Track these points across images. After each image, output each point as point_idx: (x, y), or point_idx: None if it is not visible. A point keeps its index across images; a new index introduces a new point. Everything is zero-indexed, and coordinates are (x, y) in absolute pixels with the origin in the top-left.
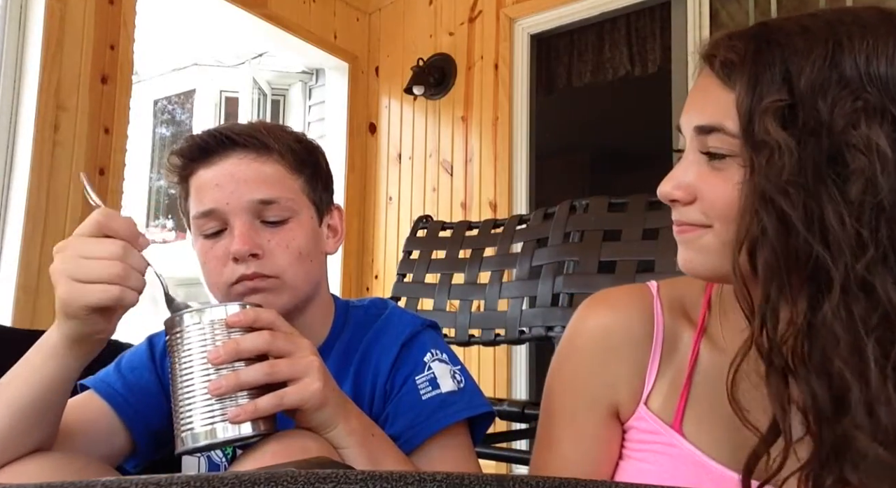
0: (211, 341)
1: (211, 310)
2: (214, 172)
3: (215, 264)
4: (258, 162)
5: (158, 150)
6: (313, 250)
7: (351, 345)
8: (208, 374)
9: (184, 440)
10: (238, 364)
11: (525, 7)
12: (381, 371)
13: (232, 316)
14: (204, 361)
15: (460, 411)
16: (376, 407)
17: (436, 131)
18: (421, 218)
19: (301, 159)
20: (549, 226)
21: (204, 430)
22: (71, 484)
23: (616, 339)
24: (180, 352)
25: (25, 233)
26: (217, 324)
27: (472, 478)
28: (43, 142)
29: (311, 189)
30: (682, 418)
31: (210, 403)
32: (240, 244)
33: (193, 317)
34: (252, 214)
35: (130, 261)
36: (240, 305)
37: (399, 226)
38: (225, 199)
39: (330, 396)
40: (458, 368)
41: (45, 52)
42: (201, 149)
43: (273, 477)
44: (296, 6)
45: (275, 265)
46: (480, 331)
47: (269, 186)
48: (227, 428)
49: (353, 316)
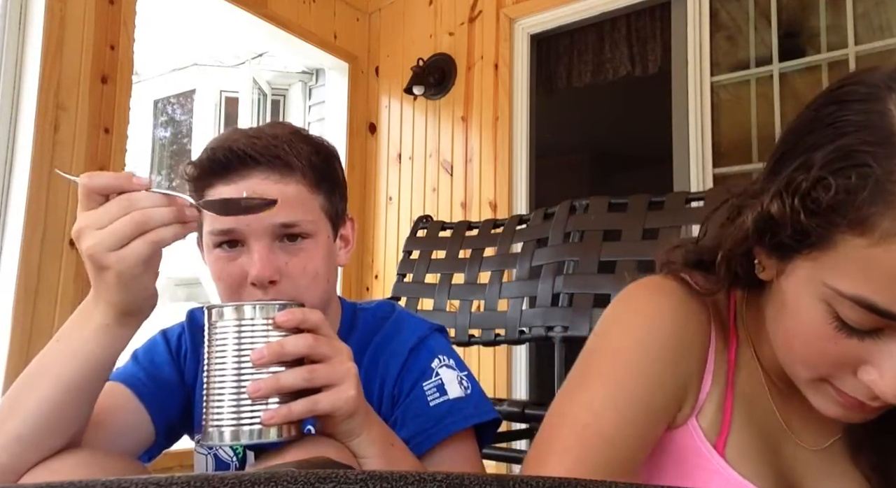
0: (250, 339)
1: (255, 308)
2: (234, 192)
3: (230, 283)
4: (281, 183)
5: (158, 150)
6: (328, 269)
7: (359, 349)
8: (243, 372)
9: (211, 435)
10: (275, 365)
11: (525, 7)
12: (390, 375)
13: (282, 314)
14: (242, 358)
15: (468, 418)
16: (384, 411)
17: (436, 131)
18: (421, 218)
19: (321, 175)
20: (549, 226)
21: (231, 430)
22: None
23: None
24: (219, 346)
25: (25, 233)
26: (259, 322)
27: (472, 478)
28: (43, 143)
29: (329, 204)
30: (727, 440)
31: (241, 402)
32: (260, 270)
33: (236, 311)
34: (272, 237)
35: (141, 204)
36: (280, 305)
37: (399, 227)
38: (246, 221)
39: (361, 405)
40: (465, 374)
41: (45, 52)
42: (222, 166)
43: (273, 477)
44: (296, 6)
45: (292, 289)
46: (480, 332)
47: (290, 209)
48: (253, 432)
49: (360, 319)
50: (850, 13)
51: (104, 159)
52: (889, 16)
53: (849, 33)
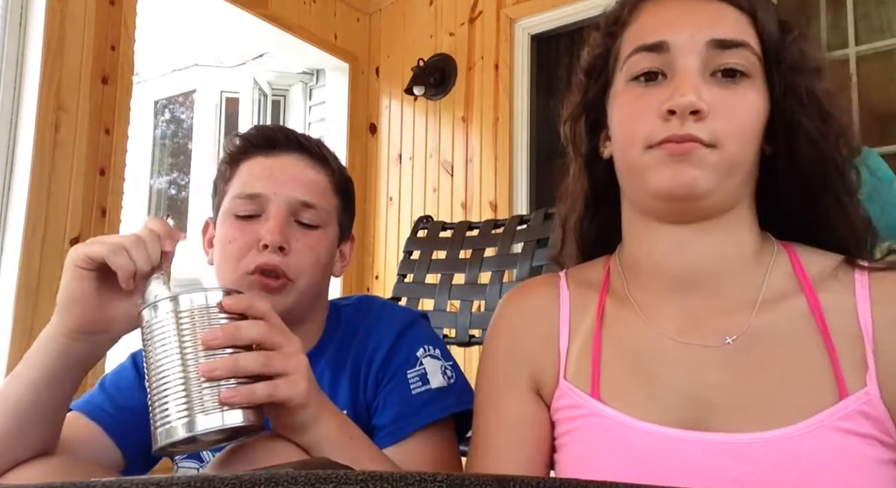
0: (197, 326)
1: (196, 295)
2: (273, 162)
3: (240, 247)
4: (314, 169)
5: (159, 151)
6: (328, 264)
7: (344, 342)
8: (190, 362)
9: (160, 436)
10: (226, 351)
11: (525, 7)
12: (376, 359)
13: (228, 299)
14: (187, 348)
15: (446, 408)
16: (369, 393)
17: (436, 132)
18: (421, 218)
19: (344, 186)
20: (549, 226)
21: (184, 422)
22: (71, 484)
23: (525, 316)
24: (161, 339)
25: (26, 233)
26: (203, 309)
27: (472, 479)
28: (43, 143)
29: (343, 212)
30: (599, 382)
31: (191, 392)
32: (274, 233)
33: (178, 301)
34: (290, 211)
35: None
36: (223, 291)
37: (399, 227)
38: (273, 189)
39: (313, 396)
40: (450, 364)
41: (45, 53)
42: (268, 140)
43: (273, 477)
44: (296, 6)
45: (296, 264)
46: (481, 332)
47: (314, 192)
48: (210, 418)
49: (343, 315)
50: (851, 13)
51: (104, 160)
52: (889, 16)
53: (849, 33)
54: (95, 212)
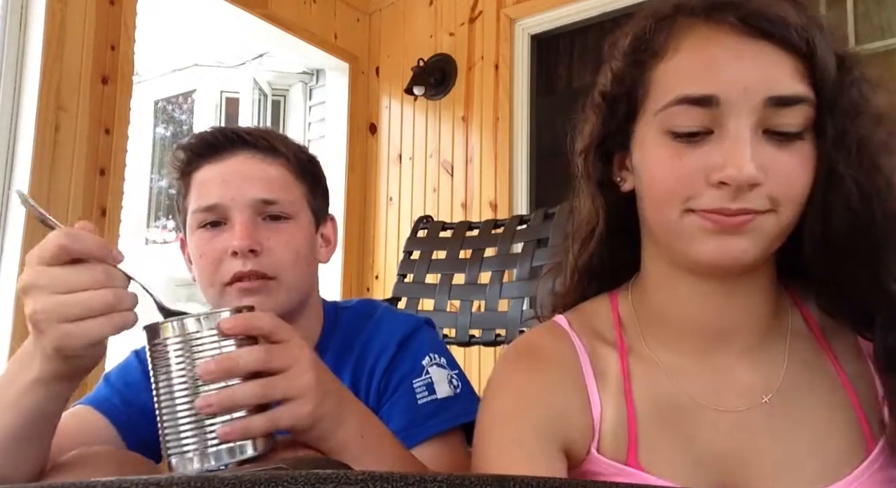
0: (198, 354)
1: (196, 319)
2: (221, 169)
3: (212, 259)
4: (265, 163)
5: (159, 151)
6: (310, 254)
7: (344, 347)
8: (189, 393)
9: (173, 463)
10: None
11: (525, 7)
12: (378, 369)
13: (225, 321)
14: (186, 378)
15: (454, 418)
16: (371, 403)
17: (436, 131)
18: (421, 218)
19: (305, 168)
20: (549, 226)
21: (198, 456)
22: (72, 485)
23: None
24: (163, 366)
25: (26, 233)
26: (199, 336)
27: (472, 479)
28: (43, 143)
29: (311, 196)
30: (637, 449)
31: (194, 425)
32: (241, 238)
33: (178, 326)
34: (254, 211)
35: (117, 283)
36: (230, 311)
37: (399, 227)
38: (230, 195)
39: (326, 411)
40: (456, 372)
41: (45, 53)
42: (210, 146)
43: (273, 477)
44: (296, 6)
45: (273, 262)
46: (481, 332)
47: (273, 187)
48: (221, 453)
49: (342, 318)
50: (851, 13)
51: (105, 160)
52: (889, 16)
53: (849, 33)
54: (95, 212)
